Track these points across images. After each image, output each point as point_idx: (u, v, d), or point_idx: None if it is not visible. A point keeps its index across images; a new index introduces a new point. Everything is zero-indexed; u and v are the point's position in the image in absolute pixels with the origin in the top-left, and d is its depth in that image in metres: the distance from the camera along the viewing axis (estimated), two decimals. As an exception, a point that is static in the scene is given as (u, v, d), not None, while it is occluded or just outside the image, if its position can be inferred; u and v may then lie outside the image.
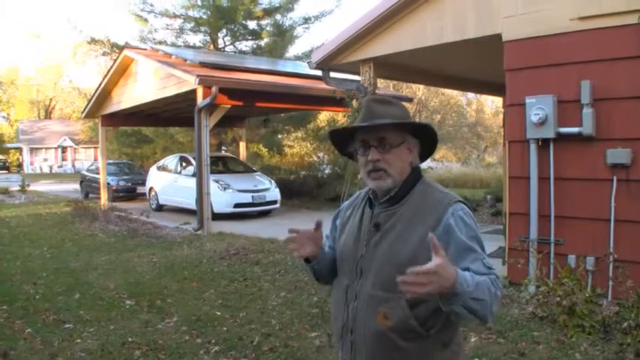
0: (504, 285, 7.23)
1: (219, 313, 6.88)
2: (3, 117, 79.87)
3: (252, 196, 16.16)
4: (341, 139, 2.45)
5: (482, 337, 5.67)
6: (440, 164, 28.11)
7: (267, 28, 25.72)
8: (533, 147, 7.00)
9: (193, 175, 15.10)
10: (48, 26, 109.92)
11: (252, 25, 26.06)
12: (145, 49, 18.80)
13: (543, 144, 6.93)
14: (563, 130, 6.74)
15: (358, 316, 2.25)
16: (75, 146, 62.75)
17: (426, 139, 2.35)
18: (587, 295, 5.84)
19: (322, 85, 11.83)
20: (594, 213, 6.61)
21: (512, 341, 5.54)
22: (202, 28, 25.38)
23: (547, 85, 6.90)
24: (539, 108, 6.77)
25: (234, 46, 26.46)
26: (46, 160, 64.76)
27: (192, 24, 25.31)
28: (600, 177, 6.54)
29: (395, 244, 2.11)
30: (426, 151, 2.39)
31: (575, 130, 6.63)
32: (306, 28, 27.07)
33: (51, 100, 78.08)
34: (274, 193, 16.91)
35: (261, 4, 25.20)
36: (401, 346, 2.16)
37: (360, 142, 2.28)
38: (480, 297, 1.93)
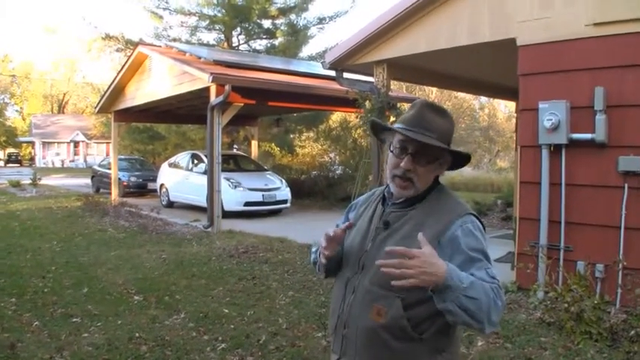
0: (512, 290, 7.23)
1: (226, 311, 6.89)
2: (16, 111, 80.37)
3: (263, 195, 16.15)
4: (380, 128, 2.46)
5: (489, 341, 5.65)
6: (451, 167, 28.01)
7: (282, 28, 25.73)
8: (545, 152, 6.98)
9: (204, 173, 15.15)
10: (63, 21, 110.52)
11: (266, 24, 26.10)
12: (160, 46, 18.85)
13: (555, 149, 6.91)
14: (576, 136, 6.72)
15: (353, 311, 2.26)
16: (87, 141, 62.97)
17: (460, 161, 2.33)
18: (595, 302, 5.81)
19: (335, 86, 11.83)
20: (605, 220, 6.58)
21: (519, 346, 5.52)
22: (217, 27, 25.41)
23: (560, 91, 6.87)
24: (552, 113, 6.75)
25: (248, 45, 26.48)
26: (58, 154, 65.07)
27: (207, 22, 25.36)
28: (612, 184, 6.52)
29: (400, 243, 2.07)
30: (453, 166, 2.37)
31: (587, 136, 6.61)
32: (321, 28, 27.07)
33: (64, 94, 78.48)
34: (285, 193, 16.88)
35: (275, 3, 25.23)
36: (391, 346, 2.15)
37: (399, 142, 2.25)
38: (475, 296, 1.90)
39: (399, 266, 1.85)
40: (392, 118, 9.51)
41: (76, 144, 65.31)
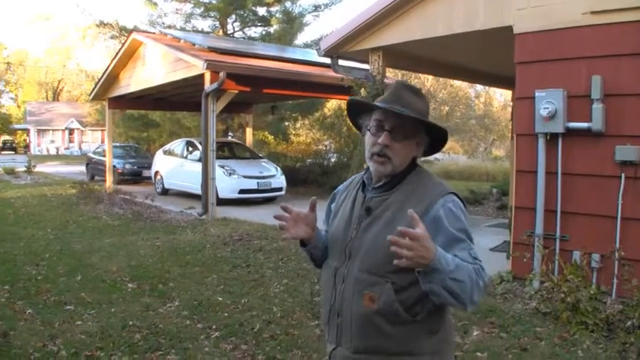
0: (508, 279, 7.21)
1: (220, 299, 6.88)
2: (11, 98, 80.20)
3: (258, 183, 16.12)
4: (357, 110, 2.46)
5: (484, 330, 5.65)
6: (446, 156, 28.05)
7: (277, 15, 25.64)
8: (541, 141, 6.94)
9: (199, 160, 15.10)
10: (57, 9, 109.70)
11: (261, 11, 26.07)
12: (154, 33, 18.82)
13: (552, 138, 6.87)
14: (572, 125, 6.68)
15: (345, 299, 2.28)
16: (82, 128, 62.95)
17: (436, 141, 2.36)
18: (591, 292, 5.81)
19: (331, 73, 11.82)
20: (601, 210, 6.55)
21: (514, 336, 5.52)
22: (212, 14, 25.36)
23: (557, 79, 6.83)
24: (548, 102, 6.71)
25: (244, 33, 26.45)
26: (53, 141, 64.97)
27: (202, 9, 25.31)
28: (608, 174, 6.48)
29: (384, 229, 2.13)
30: (430, 149, 2.41)
31: (584, 125, 6.57)
32: (316, 15, 27.07)
33: (59, 82, 78.30)
34: (280, 180, 16.87)
35: (271, -10, 25.10)
36: (386, 331, 2.19)
37: (375, 121, 2.28)
38: (460, 278, 1.94)
39: (405, 246, 1.85)
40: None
41: (71, 131, 65.21)
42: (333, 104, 25.30)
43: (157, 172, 19.44)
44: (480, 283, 2.02)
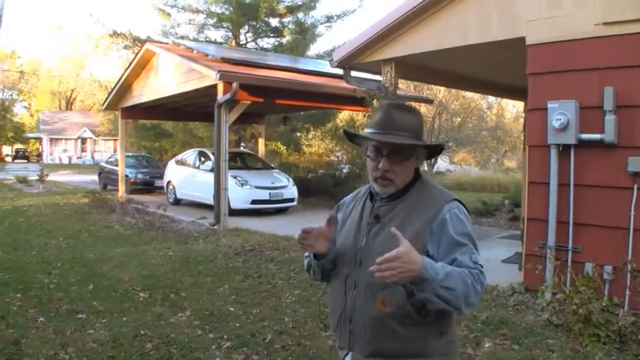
0: (520, 291, 7.18)
1: (232, 309, 6.88)
2: (24, 107, 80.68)
3: (270, 193, 16.12)
4: (351, 136, 2.54)
5: (496, 342, 5.63)
6: (458, 167, 27.99)
7: (289, 26, 25.65)
8: (553, 152, 6.92)
9: (211, 170, 15.13)
10: (71, 18, 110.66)
11: (274, 22, 26.08)
12: (167, 43, 18.84)
13: (564, 150, 6.86)
14: (585, 136, 6.66)
15: (357, 304, 2.34)
16: (94, 138, 63.29)
17: (434, 148, 2.52)
18: (603, 304, 5.77)
19: (343, 84, 11.82)
20: (613, 221, 6.53)
21: (526, 348, 5.49)
22: (224, 24, 25.39)
23: (569, 91, 6.82)
24: (561, 113, 6.70)
25: (256, 43, 26.47)
26: (65, 150, 65.34)
27: (215, 20, 25.36)
28: (621, 185, 6.46)
29: (391, 236, 2.15)
30: (430, 155, 2.56)
31: (597, 136, 6.56)
32: (328, 26, 27.04)
33: (72, 91, 78.78)
34: (292, 191, 16.85)
35: (283, 1, 25.19)
36: (399, 332, 2.25)
37: (372, 147, 2.36)
38: (451, 286, 2.02)
39: (384, 269, 1.94)
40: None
41: (84, 140, 65.57)
42: (346, 115, 25.31)
43: (169, 182, 19.50)
44: (478, 287, 2.10)
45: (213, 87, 13.22)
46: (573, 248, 6.86)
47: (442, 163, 42.02)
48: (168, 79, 16.08)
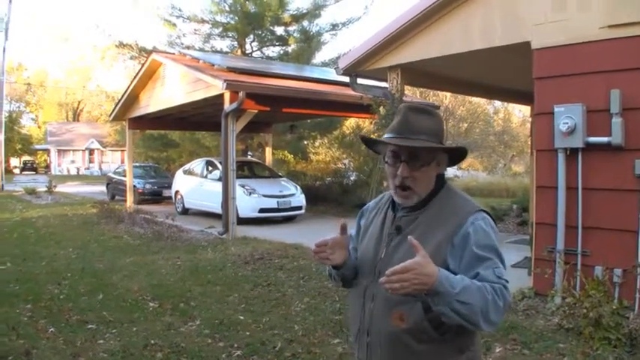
0: (530, 296, 7.17)
1: (242, 318, 6.88)
2: (32, 119, 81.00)
3: (278, 202, 16.13)
4: (369, 141, 2.48)
5: (506, 347, 5.61)
6: (466, 173, 27.95)
7: (295, 34, 25.73)
8: (561, 156, 6.92)
9: (219, 180, 15.16)
10: (77, 30, 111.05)
11: (279, 31, 26.13)
12: (173, 54, 18.93)
13: (571, 153, 6.85)
14: (592, 139, 6.66)
15: (374, 318, 2.26)
16: (102, 149, 63.43)
17: (456, 153, 2.35)
18: (613, 307, 5.75)
19: (349, 92, 11.84)
20: (622, 224, 6.51)
21: (537, 352, 5.48)
22: (230, 34, 25.47)
23: (576, 94, 6.81)
24: (567, 117, 6.69)
25: (262, 52, 26.53)
26: (73, 162, 65.55)
27: (220, 29, 25.45)
28: (628, 188, 6.44)
29: (412, 249, 2.07)
30: (452, 160, 2.39)
31: (604, 139, 6.55)
32: (334, 34, 27.09)
33: (79, 102, 79.11)
34: (299, 199, 16.86)
35: (288, 10, 25.24)
36: (415, 349, 2.16)
37: (390, 152, 2.27)
38: (467, 301, 1.91)
39: (396, 281, 1.86)
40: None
41: (91, 151, 65.76)
42: (352, 122, 25.32)
43: (177, 192, 19.56)
44: (500, 303, 1.98)
45: (220, 96, 13.27)
46: (582, 252, 6.84)
47: (450, 168, 41.88)
48: (175, 89, 16.14)
